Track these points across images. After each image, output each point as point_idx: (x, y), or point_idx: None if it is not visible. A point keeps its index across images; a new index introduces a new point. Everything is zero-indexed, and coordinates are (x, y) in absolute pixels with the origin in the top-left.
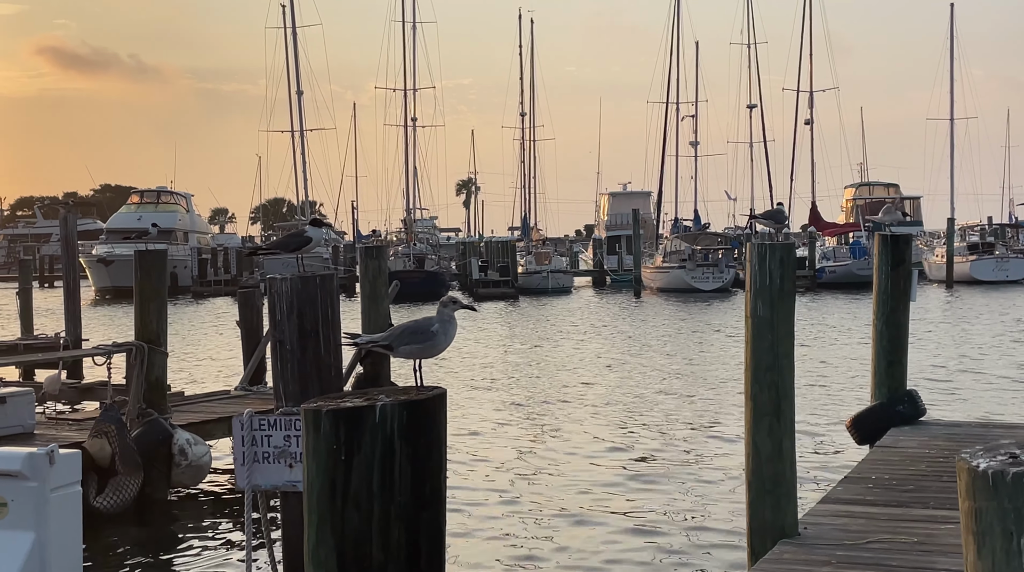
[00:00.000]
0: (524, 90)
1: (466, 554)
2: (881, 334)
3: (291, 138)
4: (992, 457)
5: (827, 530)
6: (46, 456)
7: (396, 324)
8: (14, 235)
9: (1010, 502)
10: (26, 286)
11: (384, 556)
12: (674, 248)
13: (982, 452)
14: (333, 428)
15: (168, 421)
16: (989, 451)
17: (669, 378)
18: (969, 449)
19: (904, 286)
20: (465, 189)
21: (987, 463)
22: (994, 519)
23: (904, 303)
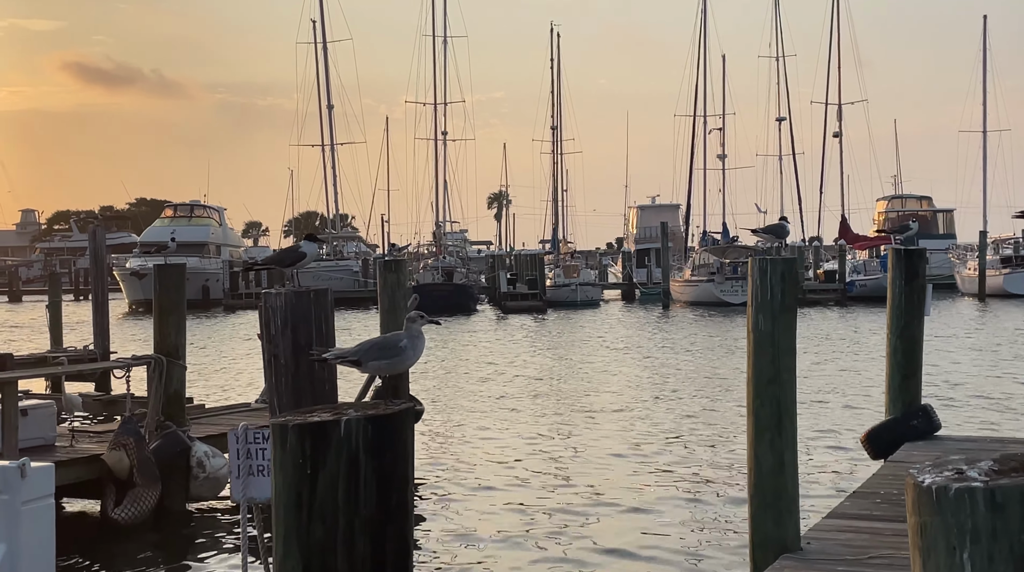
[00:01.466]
0: (553, 103)
1: (474, 558)
2: (895, 349)
3: (322, 152)
4: (939, 473)
5: (830, 545)
6: (17, 469)
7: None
8: (50, 248)
9: (953, 517)
10: (56, 299)
11: (349, 569)
12: (703, 261)
13: (930, 467)
14: (299, 442)
15: (186, 433)
16: (937, 467)
17: (691, 391)
18: (919, 464)
19: (918, 300)
20: (496, 202)
21: (932, 478)
22: (938, 534)
23: (918, 318)
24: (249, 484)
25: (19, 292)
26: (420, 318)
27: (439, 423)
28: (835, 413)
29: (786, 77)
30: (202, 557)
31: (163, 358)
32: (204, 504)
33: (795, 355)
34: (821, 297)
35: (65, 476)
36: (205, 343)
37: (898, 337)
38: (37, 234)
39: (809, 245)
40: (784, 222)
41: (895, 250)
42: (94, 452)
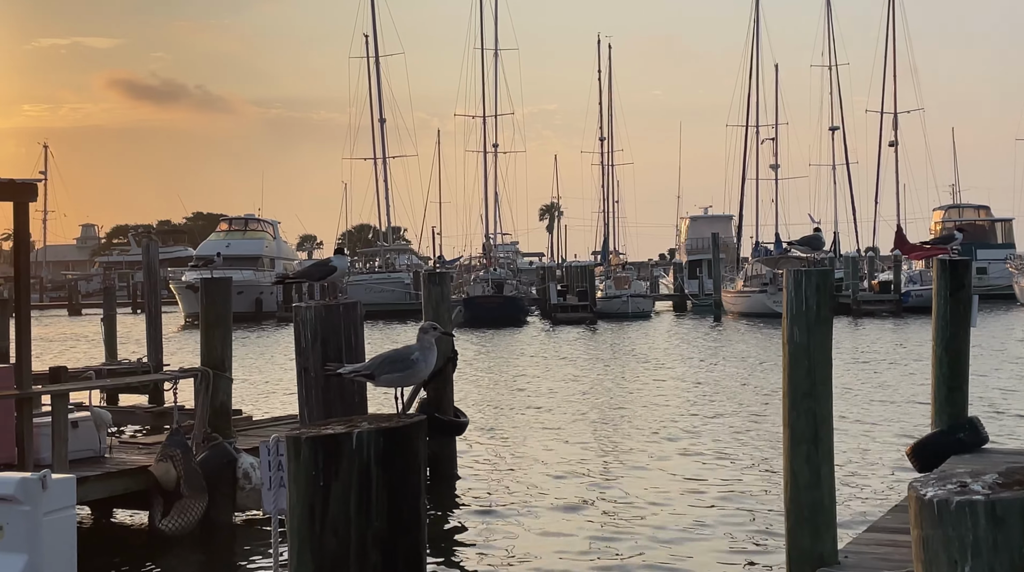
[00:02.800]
0: (603, 115)
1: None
2: (940, 361)
3: (374, 165)
4: (942, 486)
5: (868, 559)
6: (38, 481)
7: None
8: (109, 262)
9: (954, 530)
10: (110, 312)
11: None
12: (755, 272)
13: (934, 480)
14: (312, 455)
15: (233, 445)
16: (940, 480)
17: (740, 403)
18: (923, 477)
19: (964, 312)
20: (548, 214)
21: (934, 492)
22: (940, 547)
23: (964, 329)
24: (280, 496)
25: (78, 305)
26: (432, 330)
27: (484, 435)
28: (882, 425)
29: (839, 86)
30: (247, 569)
31: (209, 371)
32: (250, 515)
33: (831, 367)
34: (876, 308)
35: (113, 487)
36: (257, 355)
37: (943, 349)
38: (96, 248)
39: (864, 255)
40: (819, 233)
41: (940, 261)
42: (142, 464)
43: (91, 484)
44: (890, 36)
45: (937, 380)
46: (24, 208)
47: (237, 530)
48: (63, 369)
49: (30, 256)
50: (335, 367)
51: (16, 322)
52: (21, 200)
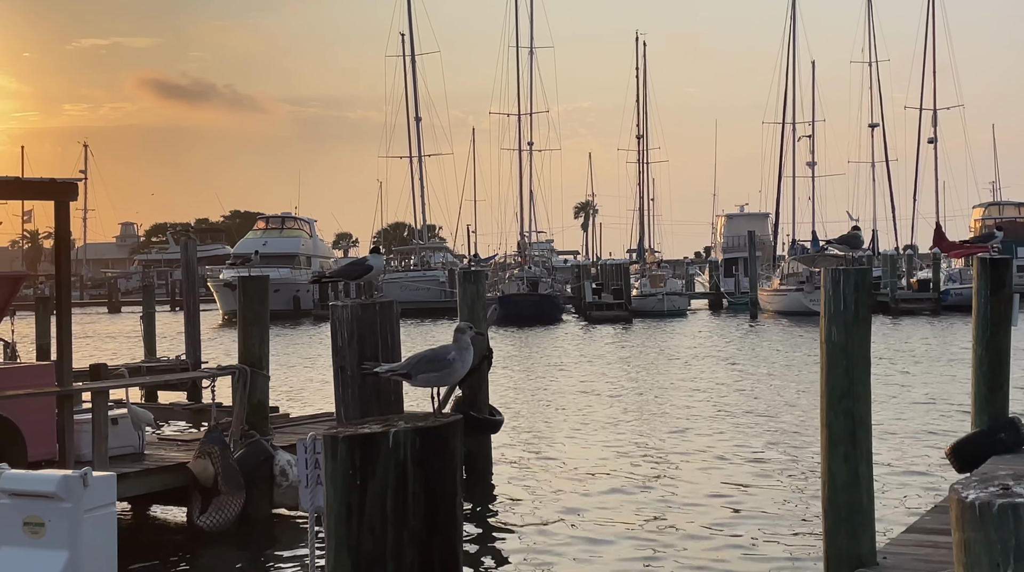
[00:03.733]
0: (639, 112)
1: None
2: (981, 360)
3: (410, 164)
4: (983, 488)
5: (907, 560)
6: (80, 478)
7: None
8: (148, 260)
9: (996, 534)
10: (149, 310)
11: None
12: (792, 270)
13: (976, 483)
14: (349, 453)
15: (270, 442)
16: (983, 482)
17: (777, 403)
18: (964, 479)
19: (1004, 311)
20: (583, 212)
21: (976, 494)
22: (982, 551)
23: (1005, 328)
24: (317, 493)
25: (118, 303)
26: (468, 330)
27: (519, 434)
28: (922, 424)
29: (879, 82)
30: (284, 565)
31: (247, 368)
32: (287, 512)
33: (869, 367)
34: (915, 306)
35: (152, 484)
36: (294, 353)
37: (984, 348)
38: (136, 246)
39: (903, 253)
40: (857, 231)
41: (980, 259)
42: (181, 460)
43: (131, 481)
44: (930, 32)
45: (977, 379)
46: (65, 207)
47: (274, 527)
48: (103, 366)
49: (71, 254)
50: (371, 366)
51: (57, 320)
52: (62, 199)
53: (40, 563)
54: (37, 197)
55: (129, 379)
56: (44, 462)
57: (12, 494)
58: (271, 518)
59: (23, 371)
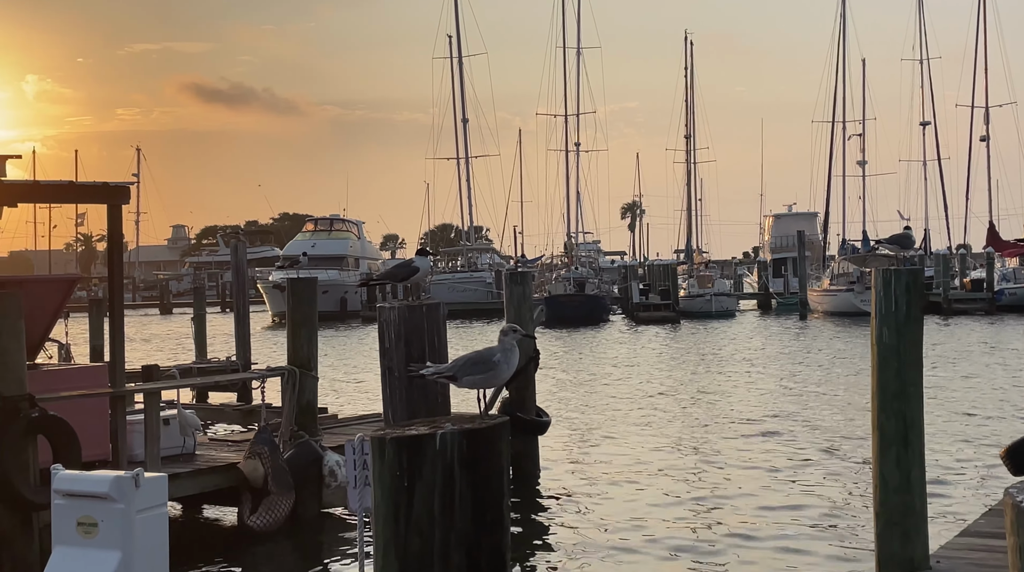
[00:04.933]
0: (687, 112)
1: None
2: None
3: (457, 165)
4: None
5: (961, 564)
6: (132, 479)
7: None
8: (199, 262)
9: None
10: (200, 312)
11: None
12: (842, 270)
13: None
14: (396, 455)
15: (319, 443)
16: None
17: (827, 404)
18: (1020, 483)
19: None
20: (630, 212)
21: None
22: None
23: None
24: (366, 494)
25: (169, 305)
26: (513, 332)
27: (566, 435)
28: (976, 427)
29: (931, 80)
30: (333, 565)
31: (296, 370)
32: (336, 512)
33: (921, 368)
34: (968, 306)
35: (204, 484)
36: (342, 354)
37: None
38: (187, 249)
39: (955, 253)
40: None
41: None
42: (231, 461)
43: (182, 481)
44: (981, 28)
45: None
46: (118, 210)
47: (323, 527)
48: (155, 367)
49: (123, 257)
50: (418, 368)
51: (110, 321)
52: (115, 203)
53: (94, 563)
54: (90, 201)
55: (180, 380)
56: (98, 462)
57: (66, 495)
58: (320, 518)
59: (77, 373)
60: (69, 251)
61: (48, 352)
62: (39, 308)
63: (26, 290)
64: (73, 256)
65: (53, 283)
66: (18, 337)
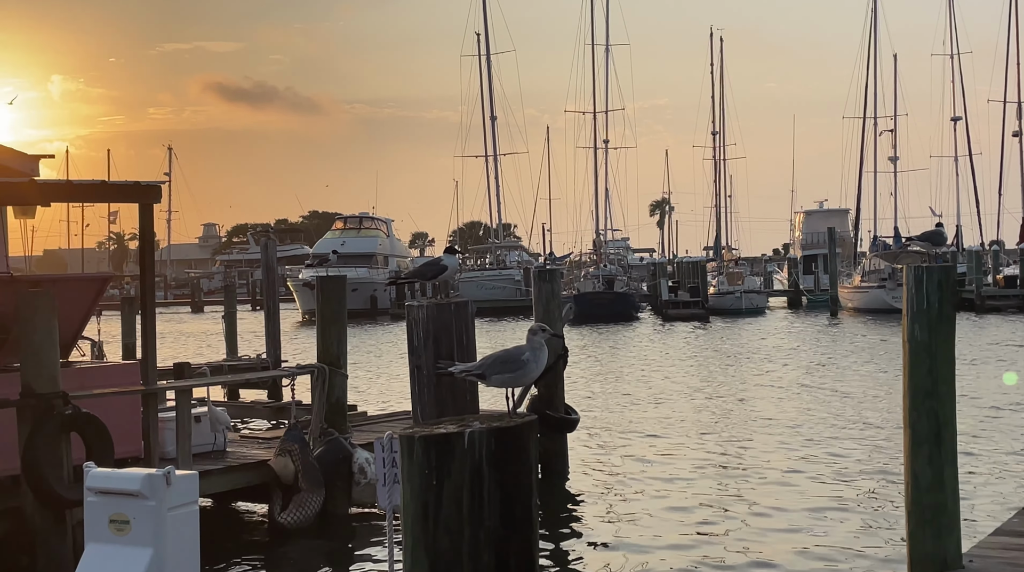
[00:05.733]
0: (715, 109)
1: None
2: None
3: (485, 163)
4: None
5: (994, 564)
6: (163, 477)
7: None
8: (230, 261)
9: None
10: (231, 310)
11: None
12: (873, 267)
13: None
14: (425, 454)
15: (348, 440)
16: None
17: (858, 402)
18: None
19: None
20: (658, 209)
21: None
22: None
23: None
24: (395, 492)
25: (200, 302)
26: (542, 331)
27: (595, 433)
28: (1009, 424)
29: (962, 75)
30: (363, 562)
31: (325, 367)
32: (366, 509)
33: (954, 366)
34: (1001, 303)
35: (235, 481)
36: (371, 352)
37: None
38: (218, 247)
39: (988, 249)
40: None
41: None
42: (262, 458)
43: (213, 478)
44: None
45: None
46: (149, 209)
47: (353, 524)
48: (186, 365)
49: (155, 255)
50: (446, 366)
51: (142, 319)
52: (146, 202)
53: (126, 559)
54: (122, 200)
55: (211, 378)
56: (130, 459)
57: (99, 492)
58: (350, 515)
59: (109, 370)
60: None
61: (81, 350)
62: (72, 306)
63: (59, 288)
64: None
65: (86, 281)
66: (52, 335)
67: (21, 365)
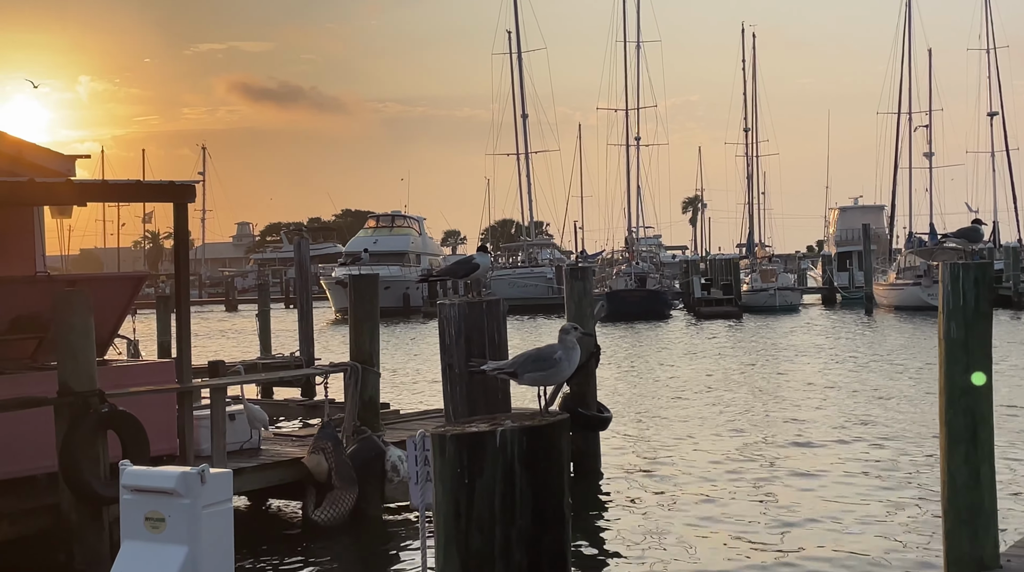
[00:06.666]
0: (748, 105)
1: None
2: None
3: (517, 161)
4: None
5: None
6: (198, 475)
7: None
8: (263, 259)
9: None
10: (264, 308)
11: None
12: (909, 264)
13: None
14: (457, 452)
15: (381, 438)
16: None
17: (894, 401)
18: None
19: None
20: (691, 207)
21: None
22: None
23: None
24: (427, 490)
25: (234, 301)
26: (574, 330)
27: (627, 431)
28: None
29: (998, 69)
30: (396, 560)
31: (358, 365)
32: (398, 507)
33: (990, 364)
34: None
35: (268, 478)
36: (404, 350)
37: None
38: (251, 246)
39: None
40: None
41: None
42: (295, 456)
43: (247, 475)
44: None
45: None
46: (184, 208)
47: (386, 521)
48: (221, 363)
49: (189, 254)
50: (478, 364)
51: (177, 318)
52: (181, 201)
53: (161, 557)
54: (157, 199)
55: (245, 376)
56: (165, 457)
57: (134, 490)
58: (383, 513)
59: (145, 368)
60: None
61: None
62: (108, 305)
63: (95, 287)
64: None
65: (121, 280)
66: (88, 334)
67: (58, 363)
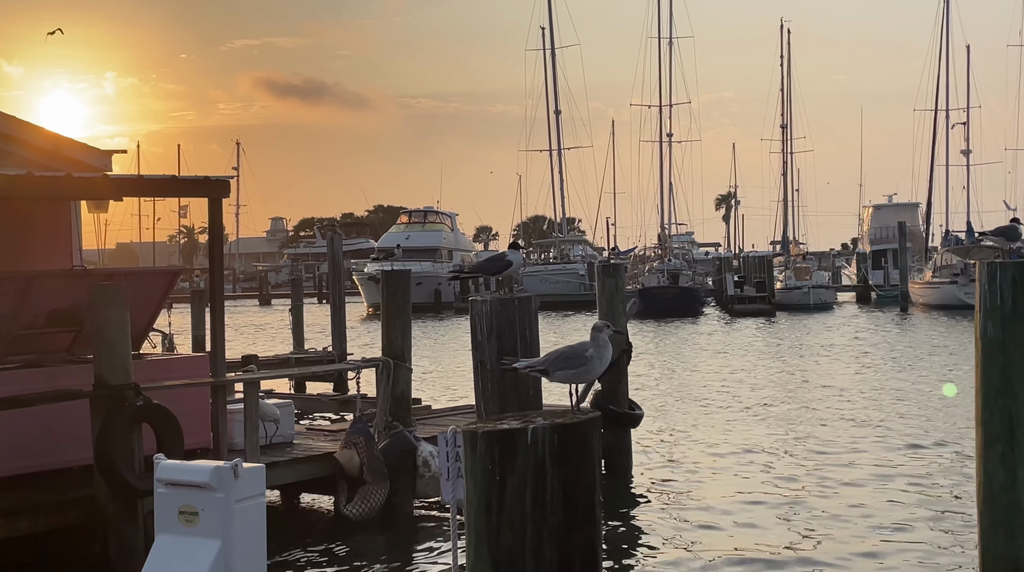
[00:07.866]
0: (783, 101)
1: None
2: None
3: (549, 157)
4: None
5: None
6: (231, 469)
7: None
8: (297, 254)
9: None
10: (298, 303)
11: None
12: (945, 262)
13: None
14: (488, 449)
15: (412, 434)
16: None
17: (929, 400)
18: None
19: None
20: (724, 203)
21: None
22: None
23: None
24: (459, 486)
25: (268, 296)
26: (606, 328)
27: (659, 429)
28: None
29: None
30: (427, 555)
31: (390, 361)
32: (430, 502)
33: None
34: None
35: (301, 472)
36: (436, 345)
37: None
38: (285, 241)
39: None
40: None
41: None
42: (327, 450)
43: (280, 469)
44: None
45: None
46: (218, 204)
47: (417, 516)
48: (254, 357)
49: (223, 249)
50: (510, 362)
51: (211, 312)
52: (215, 196)
53: (195, 550)
54: (192, 194)
55: (278, 370)
56: (199, 450)
57: (168, 484)
58: (414, 508)
59: (179, 362)
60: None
61: (152, 342)
62: (144, 299)
63: (131, 281)
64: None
65: (157, 275)
66: (124, 327)
67: (94, 357)
